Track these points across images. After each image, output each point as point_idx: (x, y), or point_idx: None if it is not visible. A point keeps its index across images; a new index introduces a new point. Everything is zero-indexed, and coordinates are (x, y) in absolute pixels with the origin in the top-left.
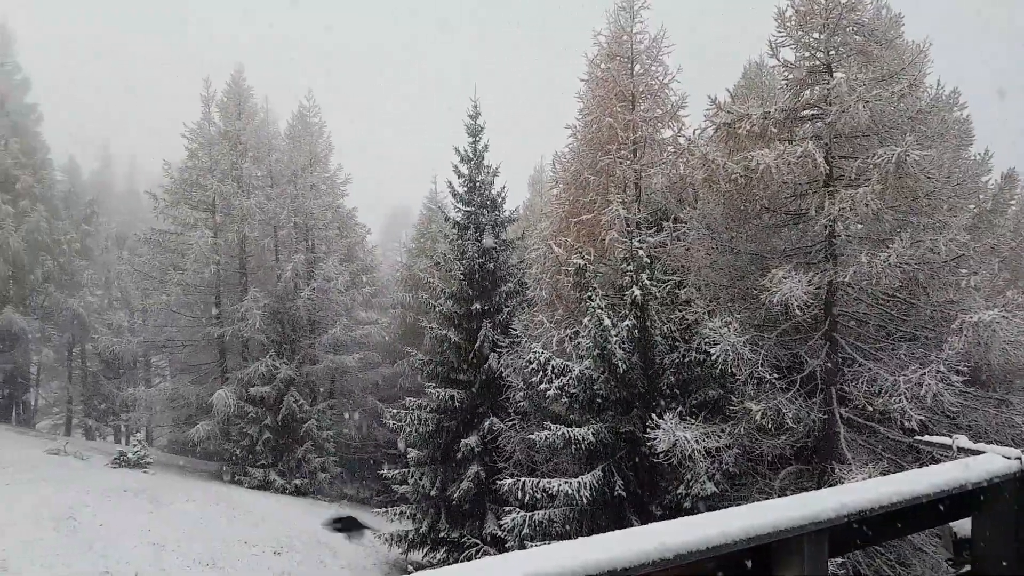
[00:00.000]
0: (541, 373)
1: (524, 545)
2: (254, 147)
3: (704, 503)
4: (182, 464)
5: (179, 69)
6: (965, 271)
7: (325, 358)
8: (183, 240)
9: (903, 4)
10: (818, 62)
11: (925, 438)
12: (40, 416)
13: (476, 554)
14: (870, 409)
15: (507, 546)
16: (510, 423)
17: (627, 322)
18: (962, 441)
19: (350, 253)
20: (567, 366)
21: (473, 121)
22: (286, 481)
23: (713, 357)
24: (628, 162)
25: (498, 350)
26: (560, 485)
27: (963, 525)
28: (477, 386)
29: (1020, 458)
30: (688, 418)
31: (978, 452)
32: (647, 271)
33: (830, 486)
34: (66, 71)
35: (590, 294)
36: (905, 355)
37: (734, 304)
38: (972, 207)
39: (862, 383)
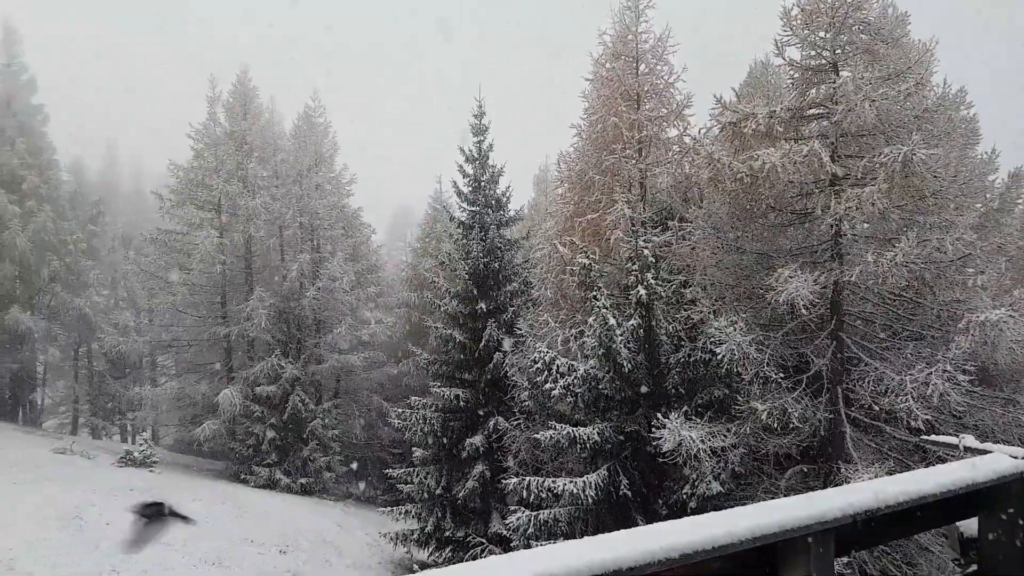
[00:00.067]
0: (546, 372)
1: (529, 544)
2: (259, 147)
3: (710, 503)
4: (188, 463)
5: (179, 69)
6: (972, 270)
7: (330, 357)
8: (189, 240)
9: (903, 4)
10: (824, 61)
11: (931, 438)
12: (46, 415)
13: (481, 553)
14: (876, 409)
15: (512, 545)
16: (515, 422)
17: (632, 321)
18: (969, 441)
19: (355, 253)
20: (572, 365)
21: (478, 121)
22: (292, 480)
23: (719, 356)
24: (633, 161)
25: (503, 349)
26: (565, 484)
27: (970, 525)
28: (482, 385)
29: None
30: (694, 417)
31: (985, 452)
32: (652, 270)
33: (836, 486)
34: (66, 71)
35: (595, 293)
36: (911, 354)
37: (740, 303)
38: (979, 206)
39: (868, 382)
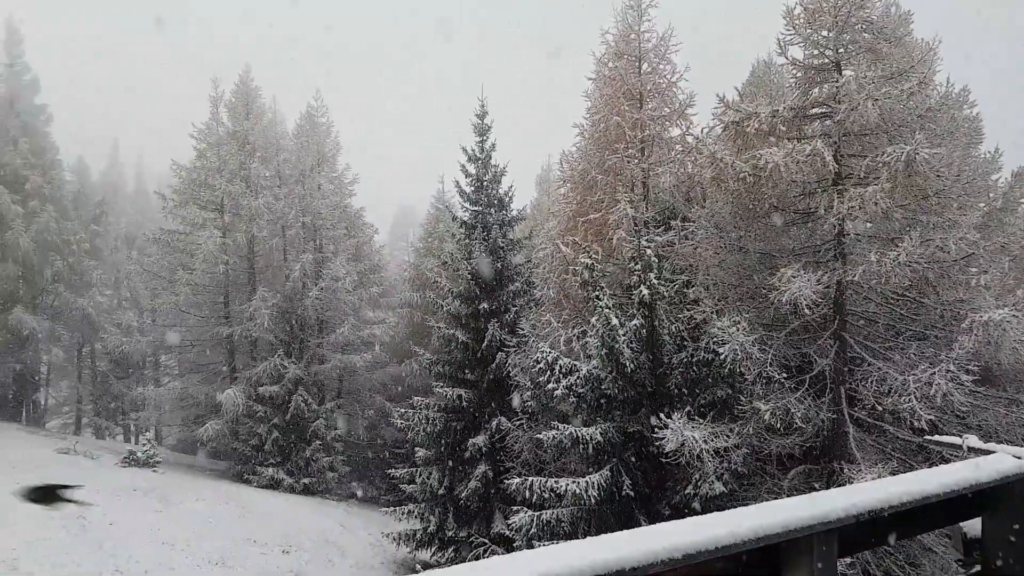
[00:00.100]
0: (549, 372)
1: (532, 544)
2: (262, 147)
3: (713, 503)
4: (191, 463)
5: (179, 69)
6: (975, 270)
7: (333, 357)
8: (192, 240)
9: (906, 3)
10: (827, 60)
11: (935, 438)
12: (50, 415)
13: (484, 553)
14: (879, 409)
15: (515, 545)
16: (518, 422)
17: (635, 321)
18: (972, 441)
19: (358, 253)
20: (575, 365)
21: (480, 120)
22: (295, 480)
23: (721, 356)
24: (636, 161)
25: (506, 349)
26: (568, 485)
27: (973, 525)
28: (485, 385)
29: None
30: (696, 418)
31: (988, 452)
32: (655, 270)
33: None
34: (66, 71)
35: (598, 293)
36: (915, 354)
37: (743, 303)
38: (982, 205)
39: (871, 382)
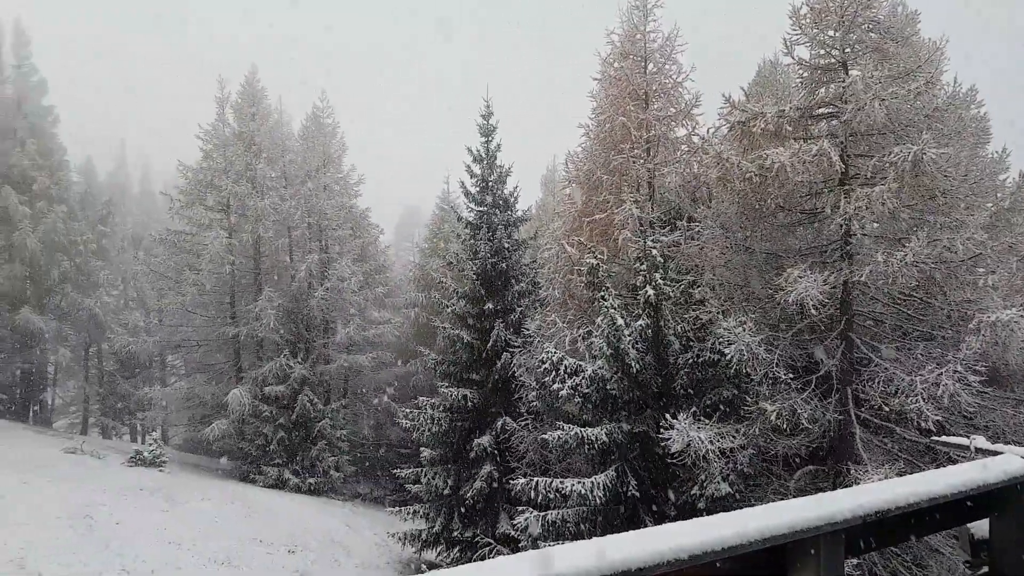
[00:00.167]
0: (554, 373)
1: (537, 545)
2: (268, 148)
3: (719, 504)
4: (197, 463)
5: (179, 69)
6: (983, 270)
7: (339, 357)
8: (198, 240)
9: (909, 4)
10: (833, 60)
11: (942, 439)
12: (57, 415)
13: (489, 554)
14: (886, 409)
15: (520, 546)
16: (523, 423)
17: (640, 322)
18: (980, 442)
19: (363, 253)
20: (580, 366)
21: (485, 121)
22: (300, 480)
23: (727, 357)
24: (641, 161)
25: (511, 350)
26: (573, 485)
27: (981, 526)
28: (490, 386)
29: None
30: (702, 418)
31: (996, 453)
32: (661, 270)
33: (846, 487)
34: (66, 71)
35: (603, 294)
36: (922, 355)
37: (749, 303)
38: (990, 205)
39: (878, 383)
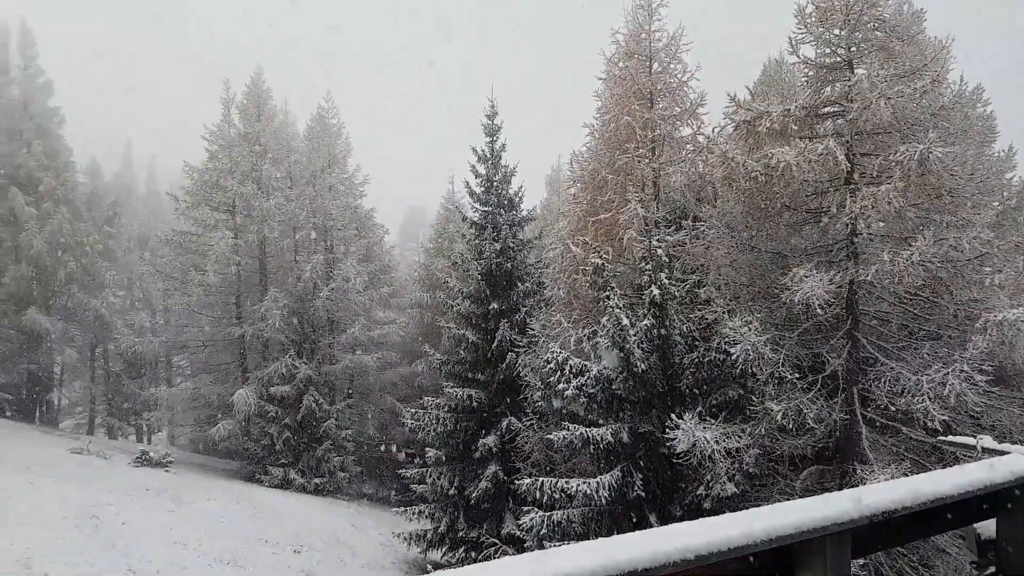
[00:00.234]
0: (559, 373)
1: (543, 545)
2: (274, 148)
3: (724, 504)
4: (203, 463)
5: (179, 69)
6: (989, 269)
7: (344, 358)
8: (204, 241)
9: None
10: (839, 59)
11: (949, 438)
12: (63, 416)
13: (495, 554)
14: (892, 409)
15: (526, 546)
16: (528, 423)
17: (646, 322)
18: (987, 442)
19: (368, 253)
20: (585, 366)
21: (490, 121)
22: (306, 480)
23: (733, 357)
24: (646, 160)
25: (516, 350)
26: (578, 485)
27: (987, 526)
28: (495, 386)
29: None
30: (708, 418)
31: (1003, 452)
32: (666, 270)
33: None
34: (66, 71)
35: (608, 293)
36: (928, 354)
37: (754, 303)
38: (996, 204)
39: (884, 383)
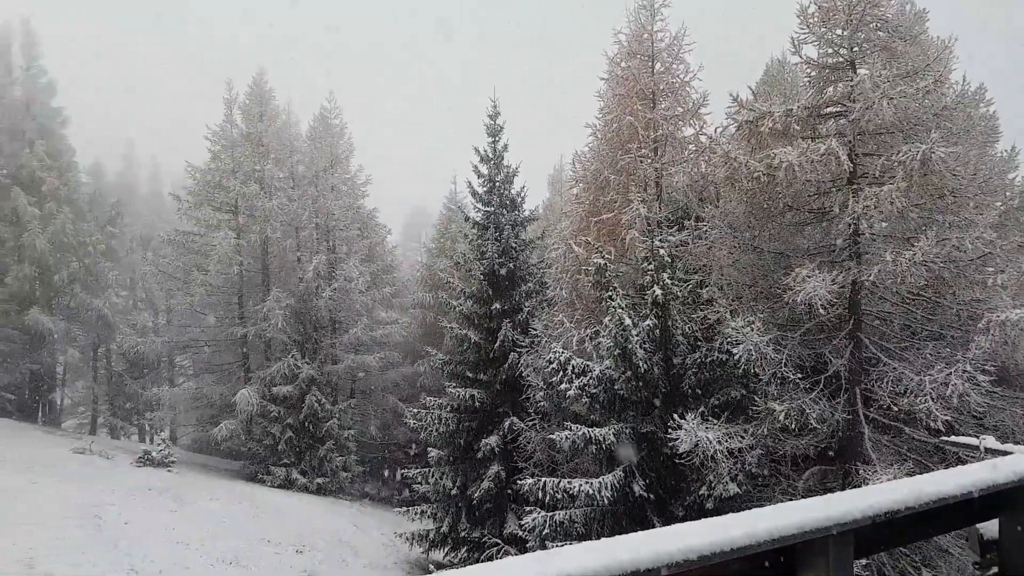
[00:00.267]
0: (561, 373)
1: (545, 545)
2: (276, 149)
3: (727, 504)
4: (205, 463)
5: (179, 69)
6: (992, 269)
7: (346, 358)
8: (206, 241)
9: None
10: (841, 59)
11: (951, 439)
12: (66, 416)
13: (497, 554)
14: (895, 409)
15: (528, 546)
16: (530, 423)
17: (648, 322)
18: (989, 442)
19: (371, 253)
20: (587, 366)
21: (492, 121)
22: (308, 480)
23: (736, 357)
24: (649, 160)
25: (518, 350)
26: (581, 485)
27: (990, 527)
28: (497, 386)
29: None
30: (710, 418)
31: (1006, 453)
32: (668, 270)
33: (855, 487)
34: (66, 71)
35: (610, 294)
36: (931, 354)
37: (757, 303)
38: (999, 204)
39: (887, 383)
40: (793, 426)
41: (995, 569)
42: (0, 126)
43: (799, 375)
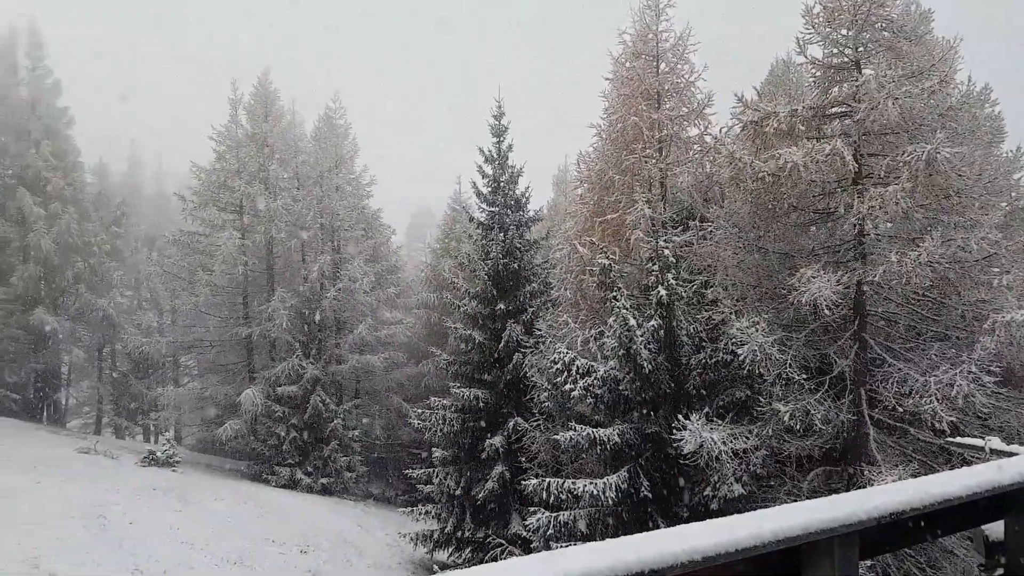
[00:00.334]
0: (566, 373)
1: (549, 546)
2: (281, 149)
3: (731, 505)
4: (210, 463)
5: (179, 69)
6: (997, 270)
7: (351, 358)
8: (211, 241)
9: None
10: (846, 59)
11: (957, 440)
12: (71, 415)
13: (501, 554)
14: (900, 410)
15: (532, 547)
16: (535, 423)
17: (653, 322)
18: (995, 443)
19: (375, 253)
20: (592, 366)
21: (497, 121)
22: (313, 480)
23: (740, 357)
24: (653, 161)
25: (522, 350)
26: (585, 486)
27: (996, 528)
28: (502, 386)
29: None
30: (715, 419)
31: (1011, 454)
32: (673, 271)
33: (860, 488)
34: (66, 71)
35: (615, 294)
36: (936, 355)
37: (762, 304)
38: (1004, 205)
39: (892, 384)
40: (798, 427)
41: (1000, 571)
42: (6, 126)
43: (804, 376)
